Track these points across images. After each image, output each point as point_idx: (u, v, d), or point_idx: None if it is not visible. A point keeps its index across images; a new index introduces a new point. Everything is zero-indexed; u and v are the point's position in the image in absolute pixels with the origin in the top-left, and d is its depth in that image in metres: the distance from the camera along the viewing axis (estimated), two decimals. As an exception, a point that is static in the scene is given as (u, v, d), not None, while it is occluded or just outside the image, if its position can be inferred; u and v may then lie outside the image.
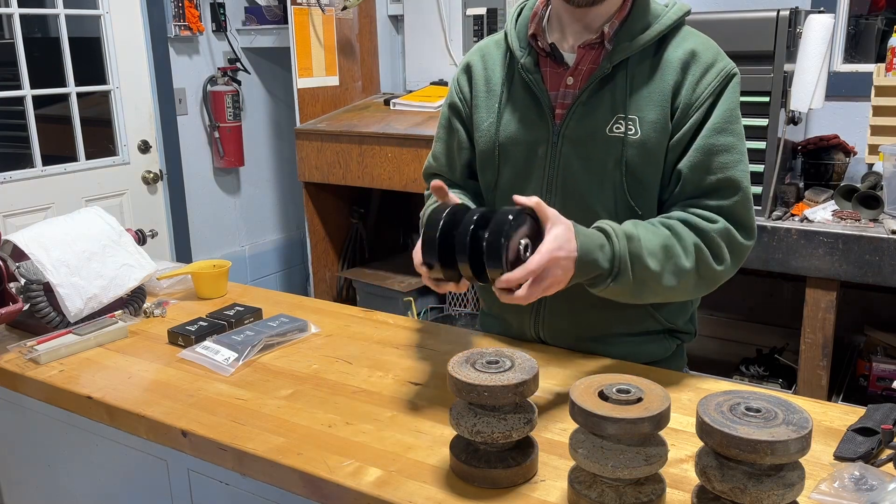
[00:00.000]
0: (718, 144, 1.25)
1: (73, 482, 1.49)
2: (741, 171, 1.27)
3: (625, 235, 1.17)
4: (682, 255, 1.21)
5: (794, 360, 2.61)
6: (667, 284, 1.21)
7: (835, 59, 2.79)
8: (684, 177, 1.27)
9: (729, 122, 1.27)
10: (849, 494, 0.94)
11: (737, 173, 1.26)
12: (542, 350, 1.41)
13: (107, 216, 1.68)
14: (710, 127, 1.26)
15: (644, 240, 1.18)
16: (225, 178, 3.84)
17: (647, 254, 1.18)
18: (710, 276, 1.25)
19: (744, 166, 1.28)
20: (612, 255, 1.16)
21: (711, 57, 1.28)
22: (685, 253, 1.21)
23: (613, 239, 1.17)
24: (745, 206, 1.27)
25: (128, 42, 3.29)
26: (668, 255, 1.20)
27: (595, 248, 1.14)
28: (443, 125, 1.50)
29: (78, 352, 1.46)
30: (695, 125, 1.26)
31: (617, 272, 1.17)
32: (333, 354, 1.44)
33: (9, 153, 3.10)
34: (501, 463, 0.99)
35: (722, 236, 1.24)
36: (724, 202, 1.25)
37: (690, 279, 1.23)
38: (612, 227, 1.18)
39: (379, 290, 3.39)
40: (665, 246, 1.20)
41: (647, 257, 1.18)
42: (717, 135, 1.25)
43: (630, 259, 1.16)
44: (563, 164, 1.32)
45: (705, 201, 1.26)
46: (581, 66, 1.31)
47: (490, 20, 3.36)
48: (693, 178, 1.26)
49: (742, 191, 1.26)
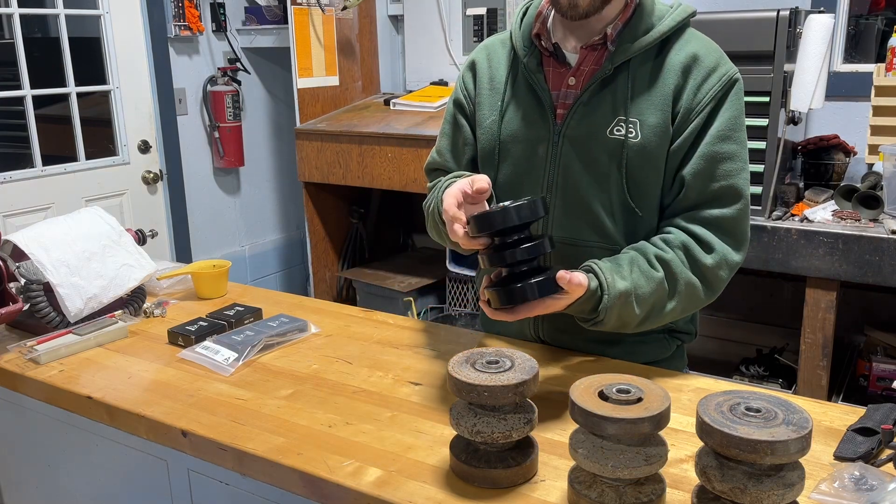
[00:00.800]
0: (722, 152, 1.26)
1: (73, 482, 1.49)
2: (744, 179, 1.28)
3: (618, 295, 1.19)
4: (669, 298, 1.25)
5: (794, 360, 2.61)
6: (642, 324, 1.26)
7: (835, 59, 2.79)
8: (688, 183, 1.27)
9: (733, 129, 1.27)
10: (849, 494, 0.94)
11: (739, 181, 1.27)
12: (542, 350, 1.41)
13: (107, 216, 1.68)
14: (714, 134, 1.26)
15: (636, 289, 1.21)
16: (225, 178, 3.84)
17: (635, 304, 1.22)
18: (695, 305, 1.30)
19: (746, 174, 1.29)
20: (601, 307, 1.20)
21: (713, 61, 1.28)
22: (672, 295, 1.25)
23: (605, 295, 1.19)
24: (744, 214, 1.29)
25: (128, 42, 3.29)
26: (655, 302, 1.24)
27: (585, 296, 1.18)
28: (448, 121, 1.50)
29: (78, 352, 1.46)
30: (696, 130, 1.26)
31: (601, 322, 1.22)
32: (333, 354, 1.44)
33: (9, 153, 3.10)
34: (501, 463, 0.99)
35: (719, 266, 1.27)
36: (725, 210, 1.27)
37: (671, 314, 1.28)
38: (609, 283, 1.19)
39: (379, 290, 3.39)
40: (656, 292, 1.23)
41: (634, 306, 1.22)
42: (721, 142, 1.26)
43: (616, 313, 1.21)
44: (563, 163, 1.32)
45: (706, 210, 1.27)
46: (583, 67, 1.31)
47: (490, 20, 3.36)
48: (696, 185, 1.27)
49: (743, 199, 1.28)
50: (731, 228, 1.27)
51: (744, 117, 1.30)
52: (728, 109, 1.27)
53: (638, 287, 1.22)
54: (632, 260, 1.24)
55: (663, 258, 1.25)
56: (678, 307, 1.27)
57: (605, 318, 1.21)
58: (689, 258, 1.26)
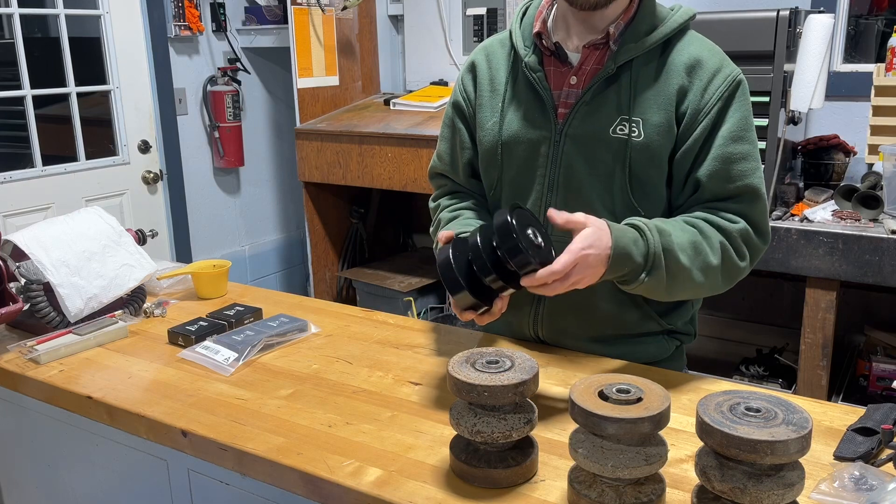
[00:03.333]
0: (736, 153, 1.27)
1: (73, 482, 1.49)
2: (759, 177, 1.29)
3: (657, 230, 1.20)
4: (710, 252, 1.24)
5: (794, 360, 2.61)
6: (696, 280, 1.24)
7: (835, 59, 2.79)
8: (703, 185, 1.28)
9: (744, 129, 1.28)
10: (849, 494, 0.94)
11: (755, 180, 1.28)
12: (542, 350, 1.41)
13: (107, 216, 1.68)
14: (726, 135, 1.26)
15: (675, 235, 1.21)
16: (225, 178, 3.84)
17: (678, 249, 1.20)
18: (734, 273, 1.28)
19: (760, 173, 1.30)
20: (647, 249, 1.18)
21: (717, 63, 1.28)
22: (712, 250, 1.24)
23: (647, 234, 1.19)
24: (763, 211, 1.30)
25: (128, 42, 3.29)
26: (697, 252, 1.22)
27: (629, 243, 1.16)
28: (446, 124, 1.50)
29: (78, 352, 1.46)
30: (705, 131, 1.27)
31: (651, 266, 1.19)
32: (333, 354, 1.44)
33: (9, 153, 3.10)
34: (501, 463, 0.99)
35: (742, 236, 1.27)
36: (744, 207, 1.28)
37: (717, 275, 1.26)
38: (645, 222, 1.21)
39: (379, 289, 3.39)
40: (694, 242, 1.23)
41: (678, 252, 1.20)
42: (734, 143, 1.27)
43: (664, 253, 1.19)
44: (565, 162, 1.32)
45: (726, 205, 1.28)
46: (585, 66, 1.31)
47: (490, 20, 3.36)
48: (712, 186, 1.27)
49: (761, 197, 1.29)
50: (750, 221, 1.28)
51: (752, 117, 1.31)
52: (737, 110, 1.28)
53: (676, 235, 1.21)
54: (663, 220, 1.25)
55: (690, 221, 1.26)
56: (720, 268, 1.25)
57: (654, 262, 1.18)
58: (714, 225, 1.26)
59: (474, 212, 1.45)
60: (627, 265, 1.17)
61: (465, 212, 1.44)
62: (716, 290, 1.30)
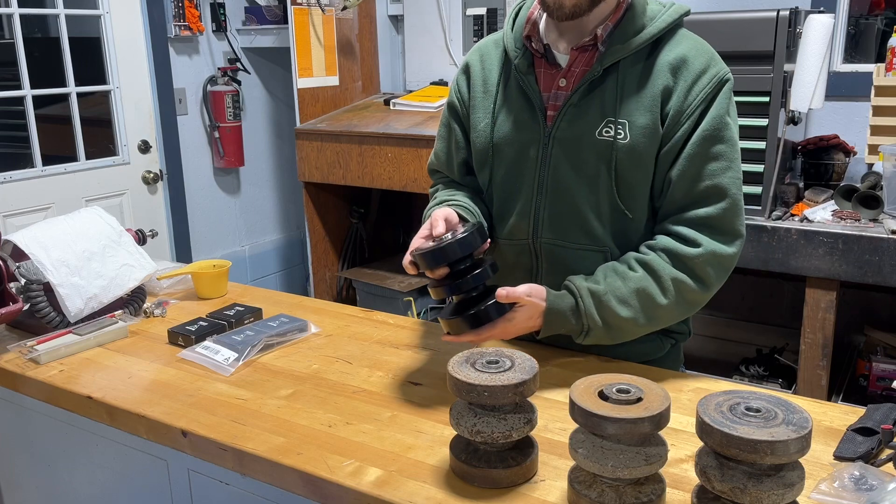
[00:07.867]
0: (708, 153, 1.26)
1: (73, 482, 1.49)
2: (729, 178, 1.27)
3: (589, 294, 1.26)
4: (659, 294, 1.26)
5: (794, 360, 2.61)
6: (643, 324, 1.28)
7: (835, 59, 2.79)
8: (674, 185, 1.28)
9: (719, 129, 1.26)
10: (849, 494, 0.94)
11: (724, 180, 1.26)
12: (542, 350, 1.41)
13: (107, 216, 1.68)
14: (700, 135, 1.26)
15: (612, 290, 1.25)
16: (225, 178, 3.84)
17: (616, 303, 1.25)
18: (692, 301, 1.29)
19: (732, 173, 1.27)
20: (579, 314, 1.26)
21: (704, 63, 1.27)
22: (662, 291, 1.26)
23: (579, 300, 1.26)
24: (733, 212, 1.27)
25: (128, 42, 3.29)
26: (641, 299, 1.26)
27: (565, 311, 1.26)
28: (443, 124, 1.51)
29: (78, 352, 1.46)
30: (686, 133, 1.26)
31: (588, 328, 1.26)
32: (333, 354, 1.44)
33: (9, 153, 3.10)
34: (501, 463, 0.99)
35: (706, 260, 1.26)
36: (710, 209, 1.26)
37: (671, 311, 1.28)
38: (578, 287, 1.27)
39: (379, 290, 3.39)
40: (638, 290, 1.26)
41: (616, 307, 1.25)
42: (707, 143, 1.26)
43: (598, 315, 1.25)
44: (553, 165, 1.32)
45: (692, 212, 1.27)
46: (574, 68, 1.30)
47: (490, 20, 3.36)
48: (682, 185, 1.27)
49: (729, 198, 1.26)
50: (718, 226, 1.26)
51: (733, 116, 1.29)
52: (716, 108, 1.26)
53: (614, 288, 1.26)
54: (606, 267, 1.29)
55: (643, 260, 1.27)
56: (672, 304, 1.27)
57: (590, 324, 1.26)
58: (671, 257, 1.26)
59: (470, 198, 1.44)
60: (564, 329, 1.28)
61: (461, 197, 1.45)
62: (674, 321, 1.33)
